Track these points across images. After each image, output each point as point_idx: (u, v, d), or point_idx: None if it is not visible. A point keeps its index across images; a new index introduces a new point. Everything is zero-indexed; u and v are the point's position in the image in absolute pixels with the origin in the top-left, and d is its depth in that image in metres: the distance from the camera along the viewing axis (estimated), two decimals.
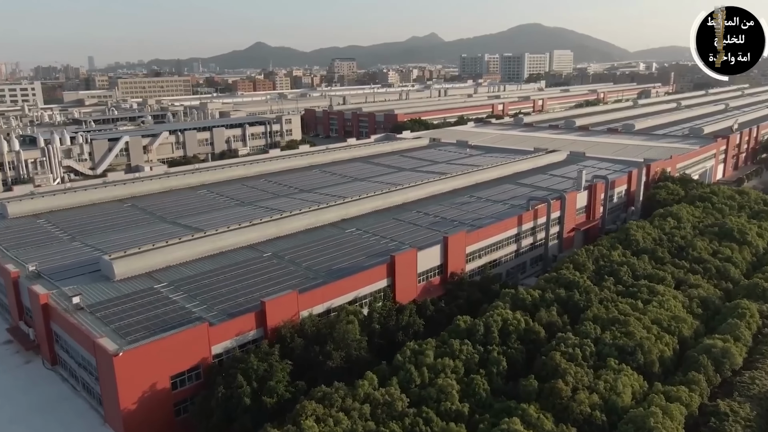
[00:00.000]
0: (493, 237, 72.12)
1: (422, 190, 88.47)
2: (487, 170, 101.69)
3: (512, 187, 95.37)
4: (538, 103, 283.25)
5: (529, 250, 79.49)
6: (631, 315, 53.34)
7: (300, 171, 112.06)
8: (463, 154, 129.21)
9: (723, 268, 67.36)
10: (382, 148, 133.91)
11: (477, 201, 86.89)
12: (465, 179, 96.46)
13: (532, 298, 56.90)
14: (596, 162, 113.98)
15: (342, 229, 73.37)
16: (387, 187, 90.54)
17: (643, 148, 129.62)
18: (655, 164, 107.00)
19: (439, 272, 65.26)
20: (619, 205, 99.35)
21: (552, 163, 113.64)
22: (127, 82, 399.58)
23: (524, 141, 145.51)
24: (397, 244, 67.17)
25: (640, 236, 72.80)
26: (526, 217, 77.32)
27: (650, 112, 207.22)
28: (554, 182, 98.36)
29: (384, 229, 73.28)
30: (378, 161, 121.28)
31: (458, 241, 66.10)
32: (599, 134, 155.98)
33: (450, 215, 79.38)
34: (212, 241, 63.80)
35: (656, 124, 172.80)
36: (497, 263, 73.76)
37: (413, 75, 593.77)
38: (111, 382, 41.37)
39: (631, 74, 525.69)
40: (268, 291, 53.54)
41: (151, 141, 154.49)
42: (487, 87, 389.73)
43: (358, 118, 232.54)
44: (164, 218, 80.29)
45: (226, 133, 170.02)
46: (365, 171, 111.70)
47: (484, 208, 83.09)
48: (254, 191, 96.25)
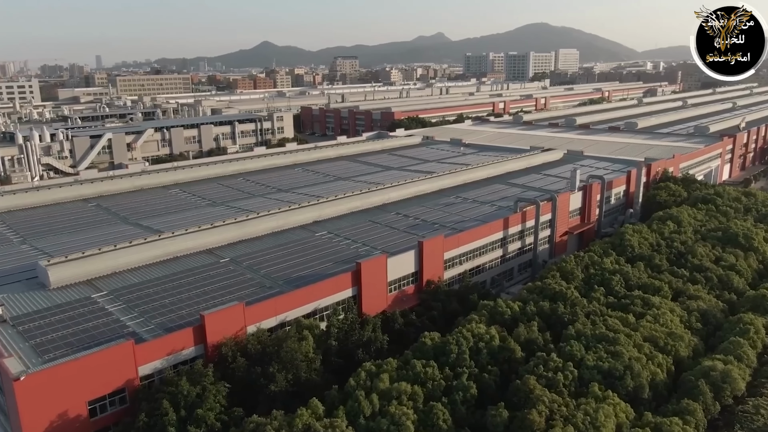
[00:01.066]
0: (476, 241, 66.41)
1: (405, 190, 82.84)
2: (477, 169, 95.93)
3: (502, 187, 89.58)
4: (541, 102, 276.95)
5: (517, 256, 73.73)
6: (621, 331, 47.56)
7: (282, 170, 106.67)
8: (455, 152, 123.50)
9: (726, 277, 61.44)
10: (371, 146, 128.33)
11: (463, 202, 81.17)
12: (452, 179, 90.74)
13: (512, 312, 51.21)
14: (594, 161, 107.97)
15: (312, 232, 67.84)
16: (369, 186, 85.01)
17: (645, 147, 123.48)
18: (657, 164, 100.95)
19: (414, 280, 59.64)
20: (617, 207, 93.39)
21: (547, 163, 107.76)
22: (125, 80, 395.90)
23: (521, 139, 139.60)
24: (369, 250, 61.62)
25: (635, 241, 66.89)
26: (513, 220, 71.55)
27: (655, 110, 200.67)
28: (547, 182, 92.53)
29: (358, 232, 67.70)
30: (365, 160, 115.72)
31: (435, 246, 60.45)
32: (600, 133, 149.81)
33: (432, 217, 73.71)
34: (164, 246, 58.38)
35: (660, 123, 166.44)
36: (480, 270, 68.05)
37: (417, 74, 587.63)
38: (14, 409, 36.01)
39: (637, 73, 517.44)
40: (216, 302, 48.14)
41: (135, 138, 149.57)
42: (489, 85, 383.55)
43: (354, 115, 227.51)
44: (127, 219, 75.00)
45: (215, 131, 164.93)
46: (350, 170, 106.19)
47: (469, 209, 77.37)
48: (229, 191, 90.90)
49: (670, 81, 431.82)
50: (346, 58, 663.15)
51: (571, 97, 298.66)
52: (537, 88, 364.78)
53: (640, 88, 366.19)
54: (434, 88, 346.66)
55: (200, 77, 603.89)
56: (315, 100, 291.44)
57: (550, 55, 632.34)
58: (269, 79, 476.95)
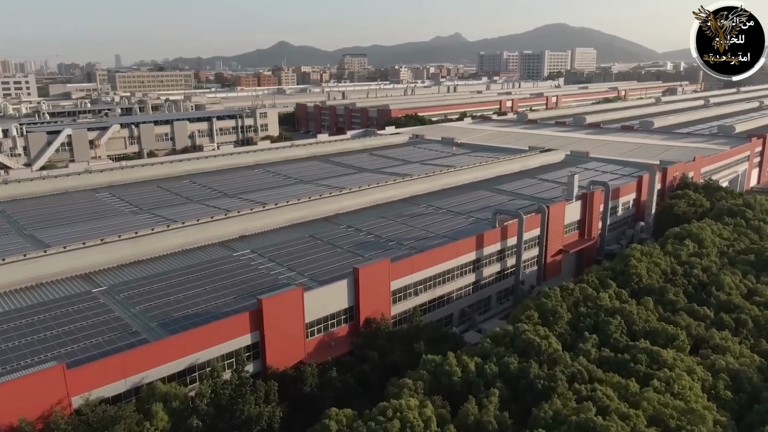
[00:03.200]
0: (438, 266, 52.06)
1: (364, 197, 68.65)
2: (460, 173, 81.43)
3: (486, 194, 74.97)
4: (552, 100, 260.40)
5: (495, 281, 59.17)
6: (615, 409, 32.98)
7: (241, 171, 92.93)
8: (445, 152, 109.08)
9: (763, 320, 46.40)
10: (351, 145, 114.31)
11: (434, 213, 66.75)
12: (428, 183, 76.36)
13: (465, 373, 36.83)
14: (600, 164, 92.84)
15: (232, 250, 53.89)
16: (329, 191, 70.93)
17: (661, 149, 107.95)
18: (674, 168, 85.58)
19: (348, 319, 45.50)
20: (626, 219, 78.35)
21: (545, 165, 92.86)
22: (124, 77, 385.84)
23: (522, 139, 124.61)
24: (294, 276, 47.61)
25: (643, 268, 51.96)
26: (491, 237, 57.01)
27: (674, 109, 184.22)
28: (542, 189, 77.81)
29: (291, 252, 53.65)
30: (340, 160, 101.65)
31: (377, 273, 46.22)
32: (611, 132, 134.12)
33: (390, 233, 59.41)
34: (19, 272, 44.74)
35: (679, 122, 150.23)
36: (445, 301, 53.68)
37: (428, 72, 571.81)
38: None
39: (657, 73, 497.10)
40: (35, 360, 34.35)
41: (99, 135, 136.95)
42: (500, 84, 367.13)
43: (350, 113, 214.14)
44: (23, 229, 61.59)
45: (190, 128, 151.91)
46: (318, 171, 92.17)
47: (439, 222, 62.94)
48: (167, 195, 77.36)
49: (691, 80, 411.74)
50: (355, 56, 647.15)
51: (585, 96, 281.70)
52: (549, 86, 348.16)
53: (659, 87, 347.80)
54: (441, 86, 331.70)
55: (208, 75, 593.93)
56: (315, 97, 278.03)
57: (566, 54, 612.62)
58: (274, 76, 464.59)
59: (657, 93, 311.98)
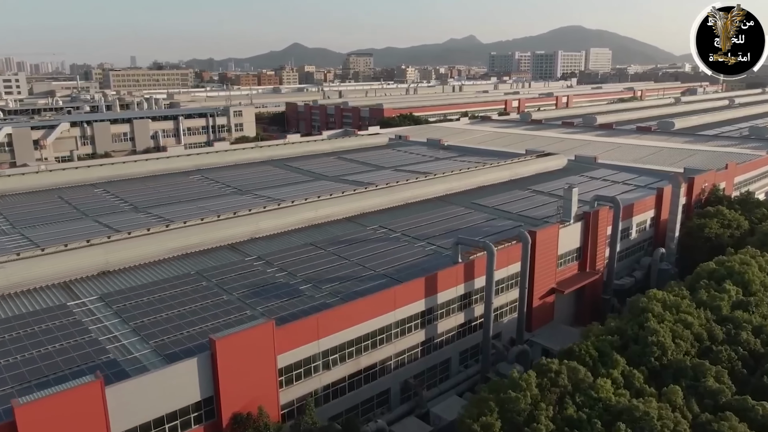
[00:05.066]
0: (362, 324, 35.57)
1: (292, 216, 52.21)
2: (430, 183, 64.81)
3: (461, 211, 58.29)
4: (562, 100, 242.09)
5: (457, 338, 42.48)
6: None
7: (170, 177, 77.16)
8: (427, 156, 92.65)
9: None
10: (319, 147, 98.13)
11: (384, 238, 50.17)
12: (387, 197, 59.73)
13: None
14: (610, 172, 75.78)
15: (67, 299, 37.71)
16: (248, 208, 54.46)
17: (685, 153, 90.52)
18: (702, 177, 68.33)
19: (202, 418, 29.15)
20: (641, 244, 61.32)
21: (542, 173, 76.01)
22: (119, 75, 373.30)
23: (522, 141, 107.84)
24: (129, 347, 31.35)
25: (667, 333, 34.93)
26: (448, 278, 40.37)
27: (696, 109, 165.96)
28: (533, 204, 61.02)
29: (148, 303, 37.36)
30: (299, 165, 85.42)
31: (251, 345, 29.86)
32: (625, 134, 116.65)
33: (311, 269, 42.89)
34: None
35: (703, 123, 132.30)
36: (376, 372, 37.14)
37: (437, 73, 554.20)
38: None
39: (675, 74, 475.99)
40: None
41: (45, 134, 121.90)
42: (509, 84, 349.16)
43: (342, 112, 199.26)
44: None
45: (153, 127, 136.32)
46: (265, 179, 76.09)
47: (384, 253, 46.31)
48: (62, 207, 61.75)
49: (712, 82, 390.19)
50: (360, 56, 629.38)
51: (598, 96, 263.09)
52: (561, 86, 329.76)
53: (678, 87, 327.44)
54: (446, 86, 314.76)
55: (212, 75, 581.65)
56: (312, 96, 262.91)
57: (580, 55, 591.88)
58: (276, 76, 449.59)
59: (676, 93, 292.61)
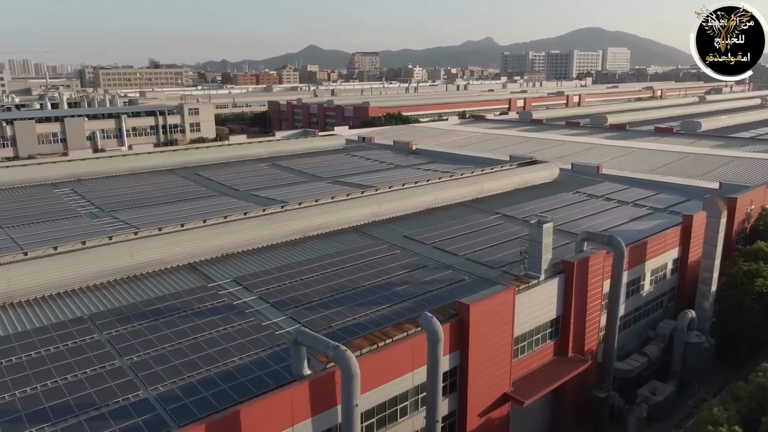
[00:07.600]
0: None
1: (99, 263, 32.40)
2: (347, 206, 44.54)
3: (373, 256, 38.08)
4: (574, 100, 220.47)
5: None
6: None
7: (29, 190, 58.19)
8: (386, 163, 73.02)
9: None
10: (247, 151, 78.52)
11: (209, 335, 30.29)
12: (265, 230, 39.59)
13: None
14: (616, 187, 55.11)
15: None
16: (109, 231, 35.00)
17: (717, 161, 69.46)
18: (747, 196, 47.65)
19: None
20: (659, 300, 40.77)
21: (522, 188, 55.59)
22: (109, 74, 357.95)
23: (514, 144, 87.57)
24: None
25: None
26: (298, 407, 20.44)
27: (724, 108, 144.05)
28: (495, 239, 40.64)
29: None
30: (210, 174, 65.73)
31: None
32: (640, 136, 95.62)
33: None
34: None
35: (735, 124, 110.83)
36: None
37: (446, 72, 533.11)
38: None
39: (697, 74, 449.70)
40: None
41: None
42: (519, 83, 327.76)
43: (325, 111, 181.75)
44: None
45: (90, 126, 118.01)
46: (155, 193, 56.67)
47: (207, 357, 26.47)
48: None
49: (737, 81, 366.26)
50: (365, 55, 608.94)
51: (613, 96, 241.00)
52: (574, 86, 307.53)
53: (700, 87, 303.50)
54: (450, 86, 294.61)
55: (215, 75, 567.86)
56: (304, 95, 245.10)
57: (596, 54, 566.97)
58: (276, 75, 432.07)
59: (700, 93, 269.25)
